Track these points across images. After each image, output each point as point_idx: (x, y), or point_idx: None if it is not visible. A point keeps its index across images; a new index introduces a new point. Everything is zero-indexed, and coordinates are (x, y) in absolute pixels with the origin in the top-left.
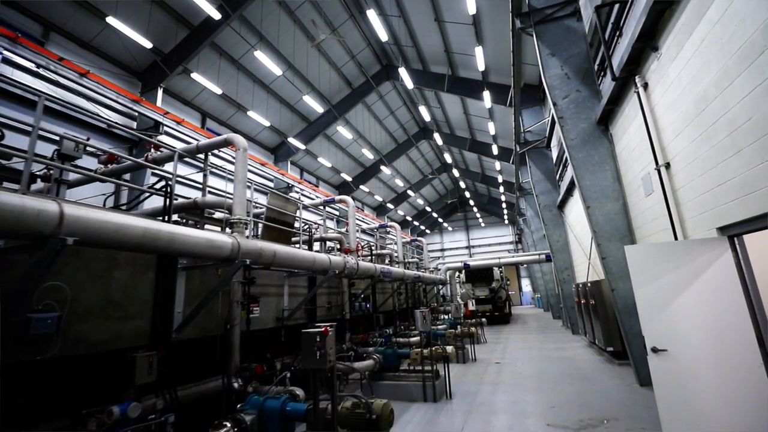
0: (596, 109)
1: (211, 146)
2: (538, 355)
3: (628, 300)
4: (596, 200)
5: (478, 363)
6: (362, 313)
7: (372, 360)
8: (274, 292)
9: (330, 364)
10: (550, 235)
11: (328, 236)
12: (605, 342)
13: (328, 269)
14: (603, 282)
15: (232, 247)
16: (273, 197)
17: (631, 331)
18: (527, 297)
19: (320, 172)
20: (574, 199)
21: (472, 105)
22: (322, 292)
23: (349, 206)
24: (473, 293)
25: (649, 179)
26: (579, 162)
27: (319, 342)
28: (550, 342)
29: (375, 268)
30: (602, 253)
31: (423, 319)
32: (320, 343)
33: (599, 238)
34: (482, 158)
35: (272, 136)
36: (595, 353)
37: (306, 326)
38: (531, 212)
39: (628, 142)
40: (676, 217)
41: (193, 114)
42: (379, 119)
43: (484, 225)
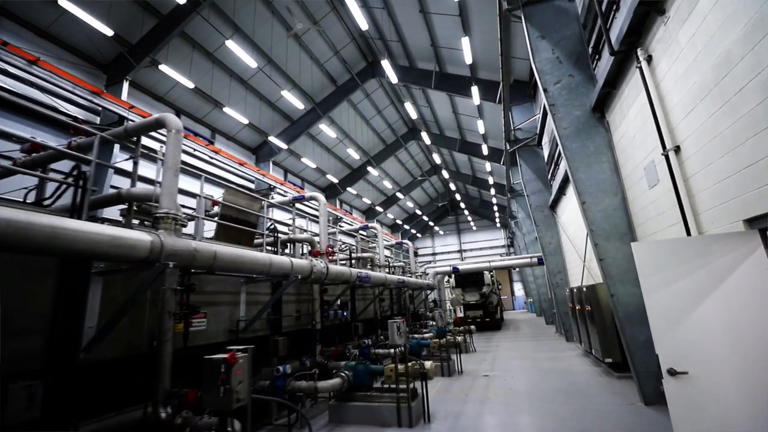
0: (591, 95)
1: (141, 128)
2: (530, 366)
3: (629, 307)
4: (592, 195)
5: (464, 376)
6: (339, 321)
7: (339, 378)
8: (227, 301)
9: (239, 404)
10: (542, 236)
11: (297, 237)
12: (603, 352)
13: (289, 273)
14: (600, 286)
15: (152, 246)
16: (230, 193)
17: (633, 342)
18: (520, 301)
19: (305, 173)
20: (567, 198)
21: (461, 103)
22: (289, 300)
23: (320, 204)
24: (463, 298)
25: (653, 168)
26: (573, 153)
27: (224, 373)
28: (543, 351)
29: (351, 272)
30: (600, 254)
31: (397, 331)
32: (225, 375)
33: (596, 237)
34: (473, 160)
35: (253, 136)
36: (592, 364)
37: (267, 339)
38: (522, 214)
39: (628, 128)
40: (689, 210)
41: (166, 110)
42: (366, 119)
43: (476, 228)
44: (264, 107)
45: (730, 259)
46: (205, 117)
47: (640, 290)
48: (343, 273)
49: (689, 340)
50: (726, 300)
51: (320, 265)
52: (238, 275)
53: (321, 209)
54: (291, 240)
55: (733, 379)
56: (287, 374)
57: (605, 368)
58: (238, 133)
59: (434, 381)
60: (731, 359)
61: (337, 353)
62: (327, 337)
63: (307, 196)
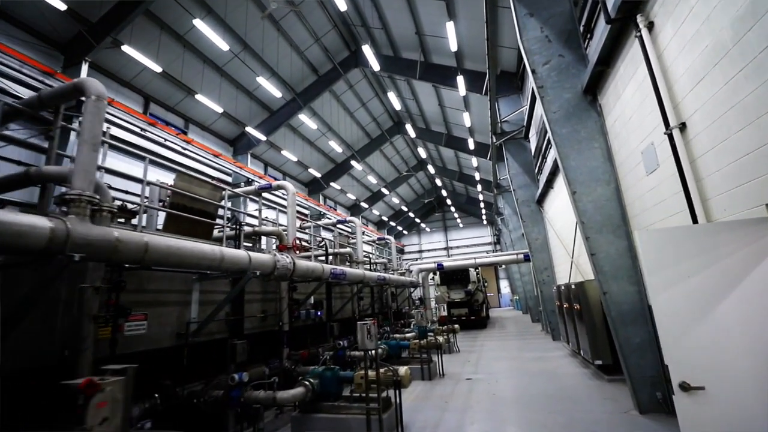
0: (582, 76)
1: (57, 96)
2: (515, 367)
3: (623, 306)
4: (583, 184)
5: (446, 379)
6: (312, 322)
7: (302, 387)
8: (175, 301)
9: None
10: (529, 232)
11: (263, 230)
12: (593, 354)
13: (246, 269)
14: (589, 284)
15: (53, 235)
16: (182, 179)
17: (627, 344)
18: (506, 299)
19: (287, 167)
20: (555, 191)
21: (447, 96)
22: (254, 299)
23: (288, 193)
24: (448, 296)
25: (652, 152)
26: (562, 139)
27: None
28: (529, 350)
29: (323, 268)
30: (592, 249)
31: (367, 333)
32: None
33: (588, 230)
34: (459, 156)
35: (230, 126)
36: (580, 365)
37: (225, 342)
38: (509, 210)
39: (623, 109)
40: (696, 195)
41: (134, 97)
42: (350, 111)
43: (463, 226)
44: (241, 96)
45: (755, 250)
46: (178, 105)
47: (635, 288)
48: (314, 269)
49: (706, 348)
50: (751, 297)
51: (285, 261)
52: (186, 271)
53: (289, 199)
54: (256, 233)
55: (758, 397)
56: (244, 383)
57: (594, 370)
58: (213, 124)
59: (413, 385)
60: (757, 373)
61: (305, 357)
62: (298, 338)
63: (274, 185)
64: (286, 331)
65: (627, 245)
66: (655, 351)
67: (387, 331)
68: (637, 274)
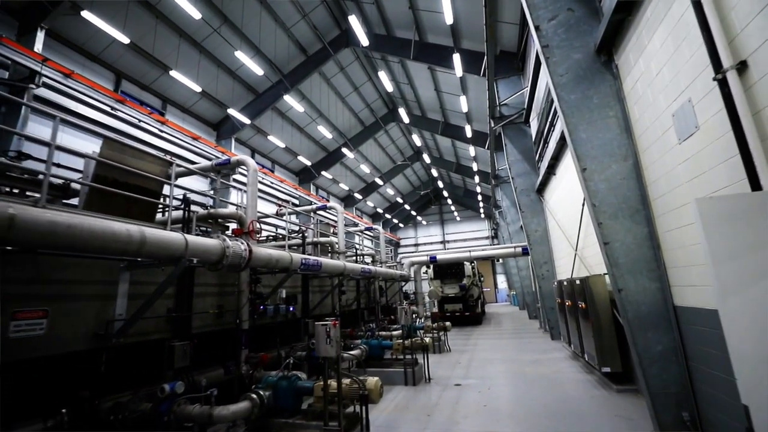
0: (595, 33)
1: None
2: (511, 371)
3: (641, 306)
4: (595, 160)
5: (432, 385)
6: (284, 318)
7: (248, 402)
8: (94, 294)
9: None
10: (528, 223)
11: (219, 212)
12: (599, 360)
13: (181, 256)
14: (595, 279)
15: None
16: (110, 147)
17: (647, 353)
18: (503, 294)
19: (276, 155)
20: (557, 178)
21: (443, 80)
22: (208, 292)
23: (249, 170)
24: (442, 291)
25: (689, 111)
26: (571, 106)
27: None
28: (527, 351)
29: (290, 258)
30: (604, 237)
31: (326, 337)
32: None
33: (600, 214)
34: (457, 146)
35: (213, 109)
36: (583, 370)
37: (163, 342)
38: (507, 202)
39: (648, 65)
40: (762, 159)
41: (105, 73)
42: (341, 96)
43: (460, 219)
44: (223, 75)
45: None
46: (154, 84)
47: (656, 285)
48: (280, 258)
49: None
50: None
51: (239, 247)
52: (110, 258)
53: (250, 177)
54: (212, 216)
55: None
56: (177, 394)
57: (600, 377)
58: (194, 105)
59: (394, 392)
60: None
61: (266, 360)
62: (265, 338)
63: (233, 161)
64: (245, 330)
65: (647, 233)
66: (682, 363)
67: (372, 328)
68: (660, 268)
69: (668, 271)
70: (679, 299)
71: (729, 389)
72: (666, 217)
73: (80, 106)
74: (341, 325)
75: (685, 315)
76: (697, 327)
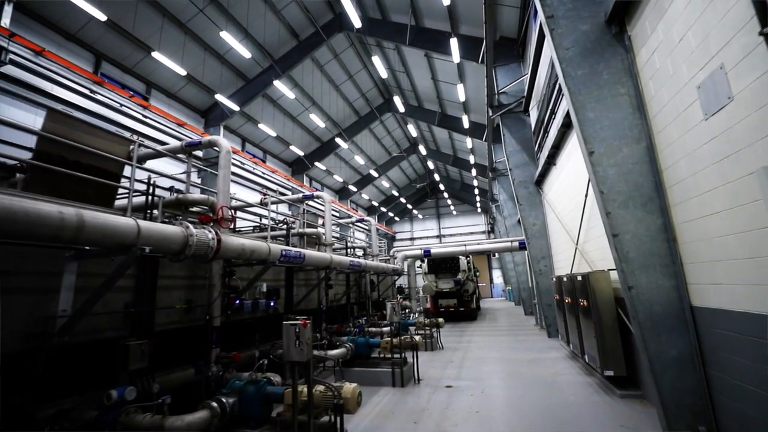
0: (606, 1)
1: None
2: (506, 371)
3: (655, 306)
4: (604, 142)
5: (422, 387)
6: (265, 314)
7: (207, 411)
8: (28, 287)
9: None
10: (526, 217)
11: (190, 198)
12: (601, 362)
13: (132, 243)
14: (598, 276)
15: None
16: (54, 119)
17: (660, 358)
18: (498, 289)
19: (267, 144)
20: (557, 169)
21: (440, 68)
22: (175, 285)
23: (221, 150)
24: (436, 285)
25: (721, 79)
26: (577, 83)
27: None
28: (523, 349)
29: (268, 249)
30: (613, 228)
31: (295, 339)
32: None
33: (608, 203)
34: (454, 138)
35: (201, 95)
36: (583, 371)
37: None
38: (504, 196)
39: (669, 32)
40: None
41: (84, 54)
42: (335, 84)
43: (456, 213)
44: (210, 59)
45: None
46: (137, 67)
47: (671, 282)
48: (256, 249)
49: None
50: None
51: (206, 236)
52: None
53: (222, 159)
54: (180, 202)
55: None
56: (126, 402)
57: (600, 379)
58: (180, 90)
59: (381, 394)
60: None
61: (239, 360)
62: (242, 335)
63: (205, 141)
64: (216, 327)
65: (661, 224)
66: (699, 370)
67: (362, 324)
68: (675, 263)
69: (685, 267)
70: (698, 299)
71: (759, 403)
72: (685, 206)
73: (56, 87)
74: (328, 321)
75: (704, 317)
76: (721, 331)
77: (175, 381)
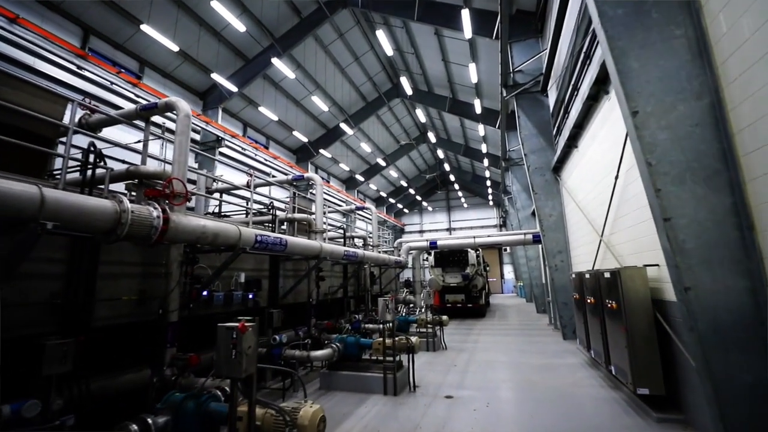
0: None
1: None
2: (516, 379)
3: (721, 313)
4: (652, 99)
5: (417, 396)
6: (243, 307)
7: None
8: None
9: None
10: (541, 207)
11: (141, 171)
12: (634, 377)
13: (32, 218)
14: (630, 272)
15: None
16: None
17: (729, 385)
18: (509, 285)
19: (270, 130)
20: (579, 152)
21: (451, 48)
22: (127, 273)
23: (180, 114)
24: (443, 280)
25: None
26: (617, 25)
27: None
28: (535, 352)
29: (239, 232)
30: (664, 210)
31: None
32: None
33: (659, 177)
34: (465, 127)
35: (198, 75)
36: (606, 382)
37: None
38: (518, 186)
39: None
40: None
41: (70, 27)
42: (341, 66)
43: (467, 206)
44: (206, 36)
45: None
46: (128, 42)
47: (745, 282)
48: (218, 232)
49: None
50: None
51: (148, 213)
52: None
53: (179, 124)
54: (131, 175)
55: None
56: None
57: (630, 395)
58: (176, 70)
59: (368, 405)
60: None
61: (196, 363)
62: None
63: (161, 103)
64: (172, 322)
65: (731, 205)
66: None
67: (358, 320)
68: (751, 258)
69: (765, 263)
70: None
71: None
72: (766, 181)
73: (38, 61)
74: (320, 316)
75: None
76: None
77: (125, 385)
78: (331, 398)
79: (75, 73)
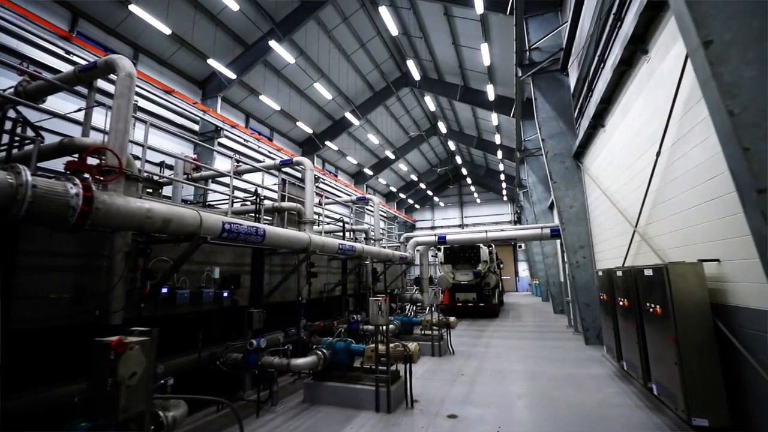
0: None
1: None
2: (533, 394)
3: None
4: (733, 23)
5: (415, 414)
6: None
7: None
8: None
9: None
10: (561, 198)
11: (78, 143)
12: (687, 403)
13: None
14: (682, 269)
15: None
16: None
17: None
18: (524, 283)
19: (274, 121)
20: (606, 133)
21: (462, 29)
22: (60, 266)
23: (120, 74)
24: (453, 278)
25: None
26: None
27: None
28: (555, 360)
29: (199, 218)
30: (758, 177)
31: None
32: None
33: (744, 131)
34: (478, 117)
35: (196, 63)
36: (642, 400)
37: None
38: (534, 178)
39: None
40: None
41: (57, 10)
42: (346, 53)
43: (480, 202)
44: (202, 20)
45: None
46: (120, 27)
47: None
48: (171, 217)
49: None
50: None
51: (63, 190)
52: None
53: (119, 83)
54: (64, 148)
55: None
56: None
57: (675, 420)
58: (172, 57)
59: (354, 426)
60: None
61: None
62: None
63: (100, 62)
64: (116, 325)
65: None
66: None
67: (356, 320)
68: None
69: None
70: None
71: None
72: None
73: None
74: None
75: None
76: None
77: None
78: (314, 415)
79: (63, 58)
